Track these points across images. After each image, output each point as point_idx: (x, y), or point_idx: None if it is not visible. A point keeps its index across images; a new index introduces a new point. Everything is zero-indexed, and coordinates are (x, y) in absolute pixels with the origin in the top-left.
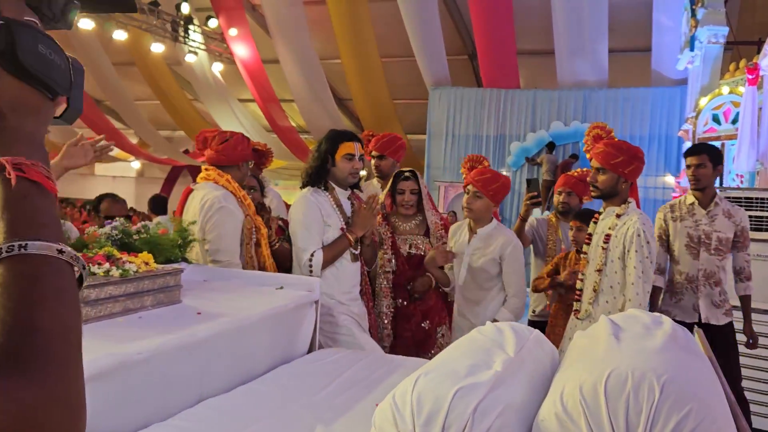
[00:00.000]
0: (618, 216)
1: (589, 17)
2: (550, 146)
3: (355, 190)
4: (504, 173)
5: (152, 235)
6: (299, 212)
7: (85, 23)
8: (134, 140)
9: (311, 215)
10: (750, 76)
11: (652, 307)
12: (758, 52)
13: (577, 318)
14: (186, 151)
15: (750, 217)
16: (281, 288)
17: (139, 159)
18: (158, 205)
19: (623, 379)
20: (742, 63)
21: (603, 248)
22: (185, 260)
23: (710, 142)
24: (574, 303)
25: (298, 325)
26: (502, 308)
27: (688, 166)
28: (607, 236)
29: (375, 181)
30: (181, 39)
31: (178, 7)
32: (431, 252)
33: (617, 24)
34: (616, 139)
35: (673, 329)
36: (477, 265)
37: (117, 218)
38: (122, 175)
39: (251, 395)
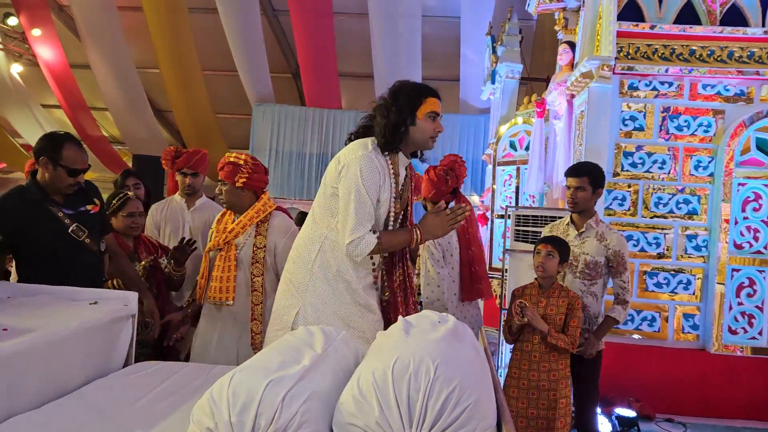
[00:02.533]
0: None
1: (404, 46)
2: None
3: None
4: None
5: None
6: (356, 171)
7: None
8: None
9: (371, 180)
10: (538, 110)
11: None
12: (546, 89)
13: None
14: None
15: (539, 233)
16: (95, 303)
17: None
18: None
19: (406, 363)
20: (534, 97)
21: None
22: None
23: (507, 166)
24: None
25: (114, 339)
26: None
27: (567, 187)
28: None
29: (177, 196)
30: None
31: None
32: None
33: (430, 54)
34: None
35: (454, 326)
36: None
37: None
38: None
39: (65, 409)
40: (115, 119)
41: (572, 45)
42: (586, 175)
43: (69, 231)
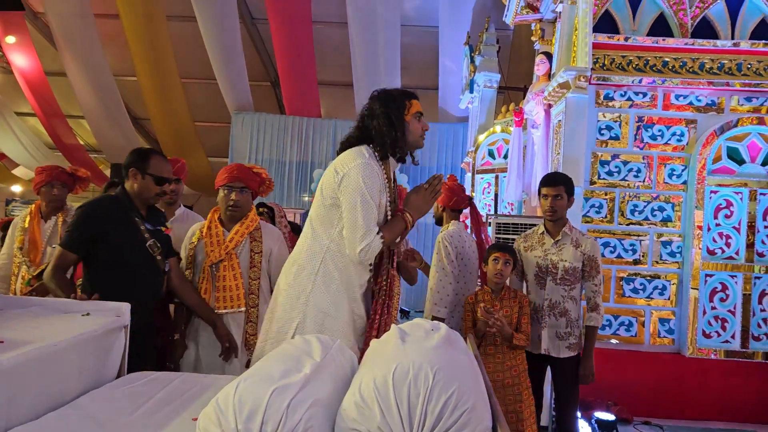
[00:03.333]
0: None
1: (384, 55)
2: None
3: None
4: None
5: None
6: (358, 179)
7: None
8: None
9: (373, 186)
10: (516, 119)
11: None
12: (524, 97)
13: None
14: None
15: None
16: (87, 314)
17: None
18: None
19: (406, 370)
20: (512, 106)
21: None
22: None
23: (486, 174)
24: None
25: (107, 350)
26: None
27: (544, 196)
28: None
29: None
30: None
31: None
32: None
33: (409, 63)
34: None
35: (447, 333)
36: None
37: None
38: None
39: (63, 420)
40: (92, 127)
41: (549, 55)
42: (563, 184)
43: (147, 245)
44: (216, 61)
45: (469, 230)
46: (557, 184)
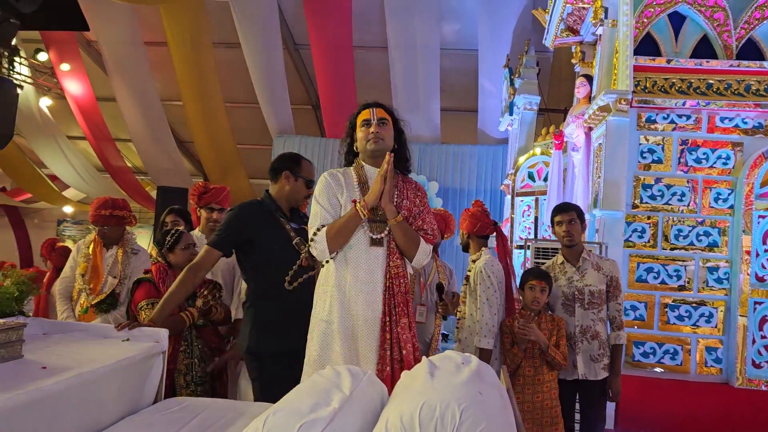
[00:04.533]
0: (473, 261)
1: (423, 78)
2: None
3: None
4: None
5: None
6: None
7: None
8: None
9: (320, 195)
10: (556, 142)
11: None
12: (564, 119)
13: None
14: (3, 189)
15: None
16: (127, 340)
17: None
18: None
19: (433, 408)
20: (552, 128)
21: (464, 285)
22: (22, 313)
23: (526, 197)
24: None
25: (145, 376)
26: None
27: (559, 223)
28: (467, 276)
29: (198, 232)
30: (5, 71)
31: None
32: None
33: (448, 86)
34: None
35: (478, 366)
36: None
37: None
38: None
39: None
40: (139, 150)
41: (589, 78)
42: (573, 210)
43: (293, 243)
44: (259, 86)
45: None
46: (569, 210)
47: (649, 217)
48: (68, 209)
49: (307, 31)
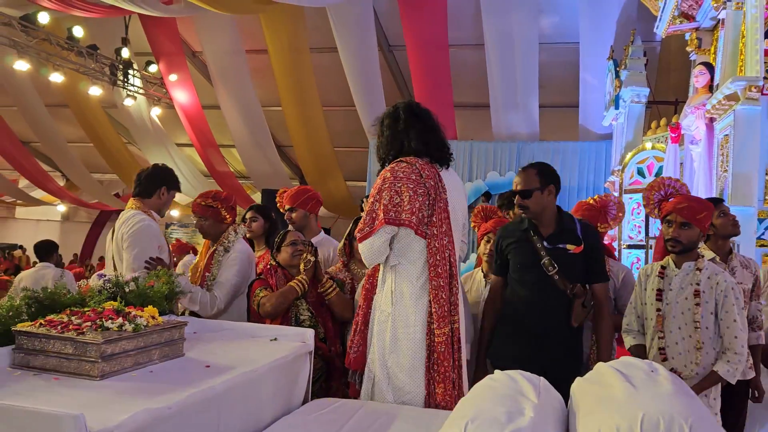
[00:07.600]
0: (699, 270)
1: (521, 74)
2: (487, 195)
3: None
4: None
5: (141, 287)
6: None
7: (21, 65)
8: (61, 183)
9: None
10: (673, 135)
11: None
12: (675, 111)
13: (682, 377)
14: (117, 195)
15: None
16: (275, 339)
17: (65, 202)
18: (43, 250)
19: (655, 422)
20: (663, 121)
21: (697, 304)
22: (171, 312)
23: (635, 194)
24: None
25: (296, 375)
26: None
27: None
28: (696, 291)
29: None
30: (119, 83)
31: (117, 51)
32: None
33: (547, 81)
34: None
35: (668, 374)
36: None
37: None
38: (46, 219)
39: None
40: (241, 155)
41: (709, 66)
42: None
43: (541, 263)
44: (355, 89)
45: None
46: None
47: None
48: (175, 213)
49: (402, 31)
